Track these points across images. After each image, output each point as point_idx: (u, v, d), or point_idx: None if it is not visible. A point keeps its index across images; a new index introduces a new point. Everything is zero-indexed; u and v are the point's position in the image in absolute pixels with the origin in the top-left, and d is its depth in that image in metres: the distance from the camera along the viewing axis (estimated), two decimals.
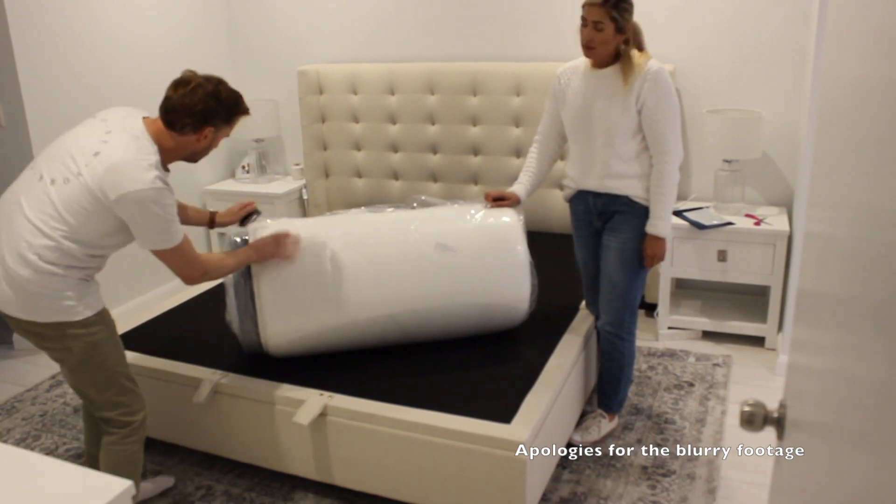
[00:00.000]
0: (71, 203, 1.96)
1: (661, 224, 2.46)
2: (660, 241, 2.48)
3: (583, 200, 2.62)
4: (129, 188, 1.92)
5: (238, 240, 2.50)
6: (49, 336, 2.03)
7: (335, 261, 2.48)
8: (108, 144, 1.97)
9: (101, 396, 2.14)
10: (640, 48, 2.43)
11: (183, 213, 2.44)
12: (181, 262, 2.08)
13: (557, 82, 2.56)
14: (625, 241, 2.53)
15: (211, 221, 2.57)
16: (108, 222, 1.99)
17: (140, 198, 1.93)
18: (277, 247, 2.36)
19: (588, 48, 2.37)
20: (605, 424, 2.77)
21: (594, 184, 2.53)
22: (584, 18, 2.35)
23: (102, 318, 2.09)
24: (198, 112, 2.02)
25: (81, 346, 2.05)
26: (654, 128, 2.39)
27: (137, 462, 2.22)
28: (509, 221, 2.62)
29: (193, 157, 2.15)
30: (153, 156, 1.99)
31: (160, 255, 2.06)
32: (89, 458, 2.45)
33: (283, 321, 2.46)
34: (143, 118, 2.10)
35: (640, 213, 2.49)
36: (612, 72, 2.42)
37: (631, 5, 2.35)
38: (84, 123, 2.11)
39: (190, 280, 2.14)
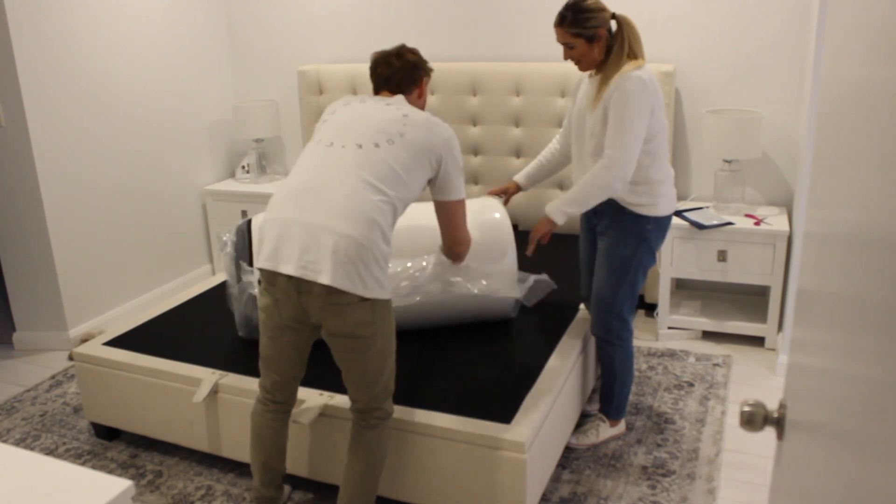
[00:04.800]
0: (399, 159, 2.05)
1: (560, 210, 2.41)
2: (548, 222, 2.44)
3: None
4: (448, 132, 2.15)
5: (227, 240, 2.66)
6: (365, 321, 1.97)
7: None
8: (405, 109, 2.16)
9: (389, 383, 2.11)
10: (634, 54, 2.35)
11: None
12: (463, 217, 2.26)
13: (576, 83, 2.57)
14: (608, 245, 2.51)
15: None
16: (423, 177, 2.12)
17: (455, 141, 2.17)
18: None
19: (577, 65, 2.40)
20: (605, 429, 2.75)
21: None
22: None
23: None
24: (412, 70, 2.27)
25: (387, 328, 2.04)
26: (607, 130, 2.34)
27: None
28: (498, 217, 2.73)
29: None
30: None
31: (453, 207, 2.22)
32: (274, 471, 2.25)
33: None
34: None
35: (626, 217, 2.45)
36: (597, 81, 2.41)
37: (593, 12, 2.30)
38: (352, 105, 2.18)
39: (462, 243, 2.31)
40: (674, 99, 3.59)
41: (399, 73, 2.24)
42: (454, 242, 2.30)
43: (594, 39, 2.32)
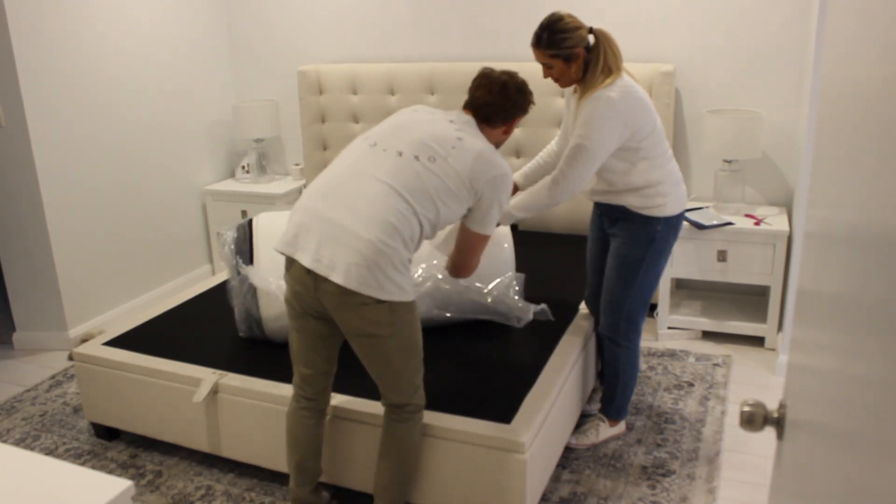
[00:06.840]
0: (433, 180, 2.02)
1: (510, 214, 2.45)
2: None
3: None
4: (499, 171, 2.09)
5: (227, 235, 2.68)
6: (381, 321, 1.98)
7: None
8: (464, 133, 2.10)
9: (414, 378, 2.11)
10: (609, 69, 2.31)
11: None
12: (480, 249, 2.23)
13: (567, 94, 2.56)
14: (618, 246, 2.52)
15: None
16: (460, 206, 2.08)
17: (506, 180, 2.11)
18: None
19: (557, 83, 2.38)
20: (605, 429, 2.75)
21: (593, 196, 2.56)
22: None
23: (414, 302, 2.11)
24: (510, 106, 2.18)
25: (407, 328, 2.04)
26: (568, 145, 2.35)
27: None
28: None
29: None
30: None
31: (476, 238, 2.18)
32: (308, 472, 2.25)
33: (281, 304, 2.60)
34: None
35: (636, 220, 2.45)
36: (577, 98, 2.40)
37: (568, 32, 2.27)
38: (418, 113, 2.16)
39: (469, 271, 2.27)
40: (674, 99, 3.59)
41: (493, 107, 2.15)
42: (460, 267, 2.27)
43: (571, 59, 2.30)
